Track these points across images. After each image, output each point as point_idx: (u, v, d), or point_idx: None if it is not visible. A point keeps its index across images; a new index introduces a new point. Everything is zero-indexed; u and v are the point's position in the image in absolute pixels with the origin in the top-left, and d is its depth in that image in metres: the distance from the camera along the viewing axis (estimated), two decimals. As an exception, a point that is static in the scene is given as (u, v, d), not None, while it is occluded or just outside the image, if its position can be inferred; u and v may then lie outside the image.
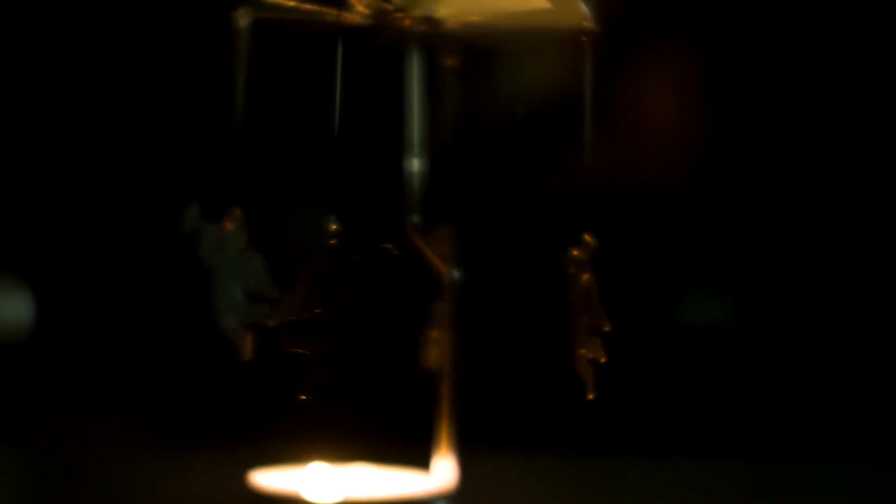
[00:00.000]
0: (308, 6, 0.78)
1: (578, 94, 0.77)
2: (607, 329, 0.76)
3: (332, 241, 0.74)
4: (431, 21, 0.78)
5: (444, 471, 0.84)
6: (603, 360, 0.77)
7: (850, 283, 1.14)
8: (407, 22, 0.78)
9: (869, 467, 1.07)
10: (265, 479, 0.83)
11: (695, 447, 1.09)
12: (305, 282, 0.74)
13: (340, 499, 0.82)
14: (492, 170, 1.02)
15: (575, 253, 0.76)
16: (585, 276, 0.76)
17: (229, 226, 0.75)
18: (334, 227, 0.75)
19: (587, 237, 0.75)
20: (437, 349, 0.85)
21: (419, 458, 0.85)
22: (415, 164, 0.84)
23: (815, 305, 1.14)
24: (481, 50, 0.83)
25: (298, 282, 0.74)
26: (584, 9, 0.74)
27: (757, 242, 1.14)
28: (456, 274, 0.84)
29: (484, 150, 0.93)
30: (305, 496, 0.82)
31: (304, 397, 0.73)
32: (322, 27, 0.78)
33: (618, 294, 0.81)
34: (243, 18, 0.76)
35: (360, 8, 0.78)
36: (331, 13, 0.78)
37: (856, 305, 1.14)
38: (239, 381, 0.97)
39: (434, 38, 0.80)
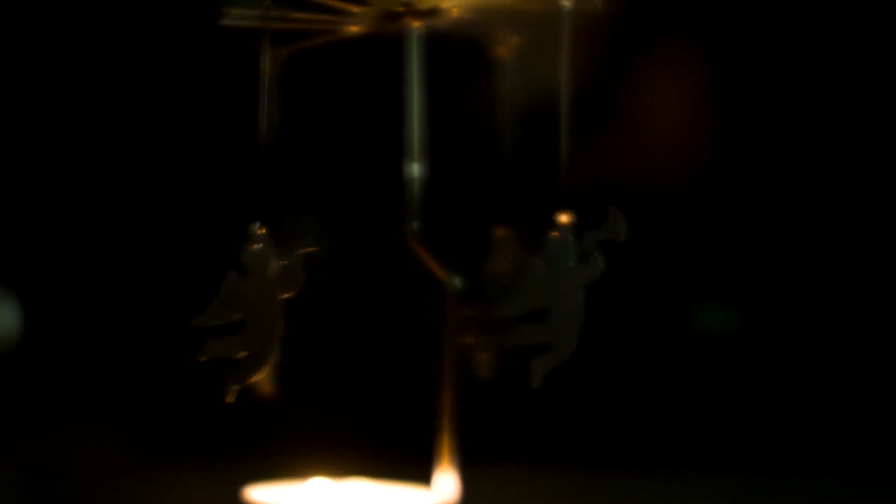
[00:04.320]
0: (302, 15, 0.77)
1: (586, 94, 0.76)
2: None
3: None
4: (436, 12, 0.77)
5: (445, 486, 0.83)
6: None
7: (859, 291, 1.13)
8: (415, 24, 0.78)
9: (882, 481, 1.06)
10: (261, 495, 0.82)
11: (701, 460, 1.08)
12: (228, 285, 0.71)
13: (339, 515, 0.81)
14: (493, 173, 1.00)
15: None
16: None
17: (257, 246, 0.72)
18: (261, 231, 0.72)
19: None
20: (485, 357, 0.84)
21: (420, 473, 0.84)
22: (415, 169, 0.83)
23: (825, 313, 1.13)
24: (486, 48, 0.82)
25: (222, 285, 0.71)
26: None
27: (768, 250, 1.13)
28: (457, 281, 0.83)
29: (488, 151, 0.91)
30: (303, 513, 0.80)
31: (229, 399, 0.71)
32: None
33: (622, 301, 0.80)
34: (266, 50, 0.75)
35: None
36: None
37: (867, 313, 1.13)
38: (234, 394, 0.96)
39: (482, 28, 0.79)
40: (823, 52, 1.11)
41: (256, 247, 0.70)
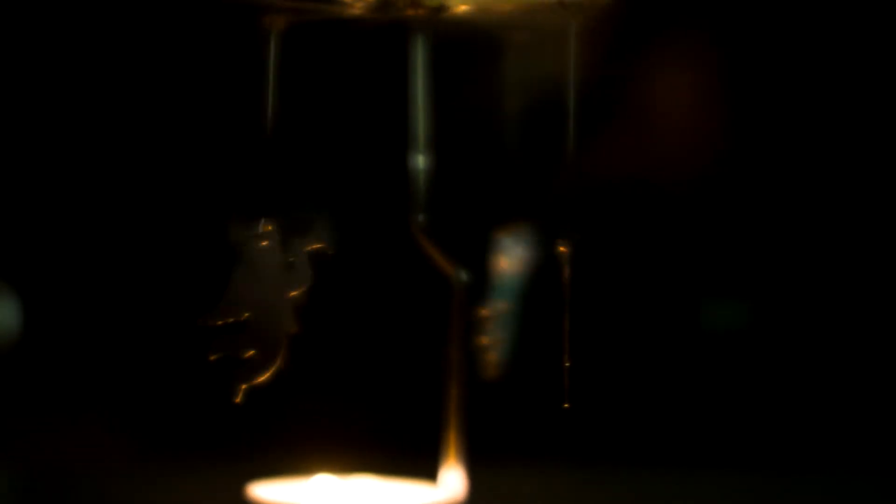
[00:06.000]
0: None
1: (589, 87, 0.75)
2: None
3: (264, 243, 0.71)
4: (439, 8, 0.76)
5: (452, 482, 0.82)
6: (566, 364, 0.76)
7: (870, 289, 1.12)
8: (412, 12, 0.77)
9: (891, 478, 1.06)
10: (265, 491, 0.81)
11: (707, 458, 1.08)
12: (236, 283, 0.71)
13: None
14: (501, 166, 1.00)
15: (561, 249, 0.75)
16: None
17: (265, 242, 0.72)
18: (266, 227, 0.72)
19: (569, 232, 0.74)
20: (492, 356, 0.83)
21: (426, 470, 0.83)
22: (420, 161, 0.82)
23: (835, 310, 1.12)
24: (489, 42, 0.82)
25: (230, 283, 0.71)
26: None
27: (775, 245, 1.13)
28: (463, 276, 0.82)
29: (492, 145, 0.91)
30: (308, 510, 0.80)
31: (237, 400, 0.71)
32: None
33: (626, 298, 0.80)
34: (275, 24, 0.74)
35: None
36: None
37: (878, 312, 1.12)
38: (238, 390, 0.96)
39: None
40: (832, 49, 1.11)
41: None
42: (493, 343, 0.83)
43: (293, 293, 0.69)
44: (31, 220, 1.13)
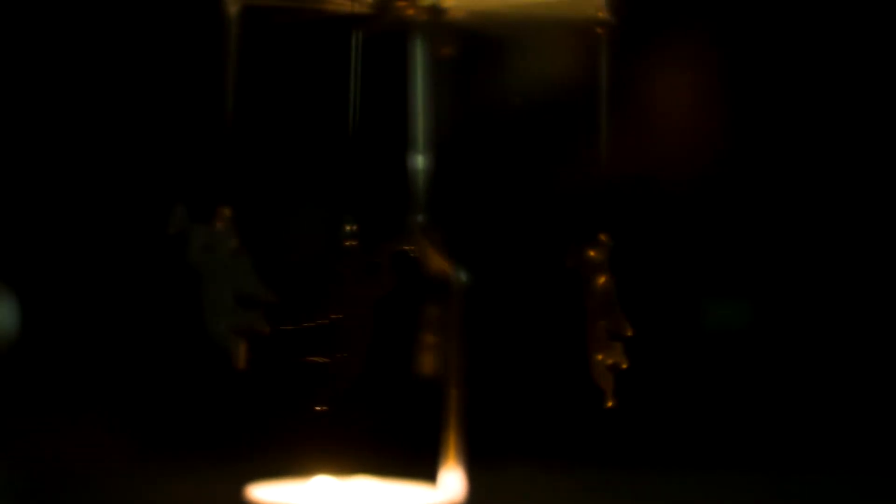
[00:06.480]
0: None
1: (594, 88, 0.75)
2: (629, 333, 0.73)
3: (349, 243, 0.71)
4: (436, 10, 0.76)
5: (451, 484, 0.82)
6: (624, 365, 0.75)
7: (874, 290, 1.12)
8: (410, 11, 0.77)
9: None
10: (264, 493, 0.81)
11: (707, 459, 1.07)
12: (322, 286, 0.71)
13: (344, 513, 0.80)
14: (502, 166, 0.99)
15: (591, 254, 0.74)
16: (603, 279, 0.74)
17: (219, 226, 0.72)
18: (350, 227, 0.71)
19: (603, 237, 0.73)
20: (432, 356, 0.82)
21: (426, 471, 0.83)
22: (420, 161, 0.82)
23: (840, 309, 1.12)
24: (491, 41, 0.81)
25: (315, 285, 0.71)
26: None
27: (779, 245, 1.12)
28: (463, 276, 0.82)
29: (494, 145, 0.90)
30: (307, 511, 0.80)
31: (321, 408, 0.70)
32: (319, 15, 0.76)
33: (630, 297, 0.79)
34: (233, 5, 0.74)
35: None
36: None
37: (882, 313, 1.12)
38: (236, 390, 0.95)
39: (430, 26, 0.78)
40: (836, 50, 1.11)
41: None
42: (437, 342, 0.82)
43: (377, 296, 0.69)
44: (31, 223, 1.13)
